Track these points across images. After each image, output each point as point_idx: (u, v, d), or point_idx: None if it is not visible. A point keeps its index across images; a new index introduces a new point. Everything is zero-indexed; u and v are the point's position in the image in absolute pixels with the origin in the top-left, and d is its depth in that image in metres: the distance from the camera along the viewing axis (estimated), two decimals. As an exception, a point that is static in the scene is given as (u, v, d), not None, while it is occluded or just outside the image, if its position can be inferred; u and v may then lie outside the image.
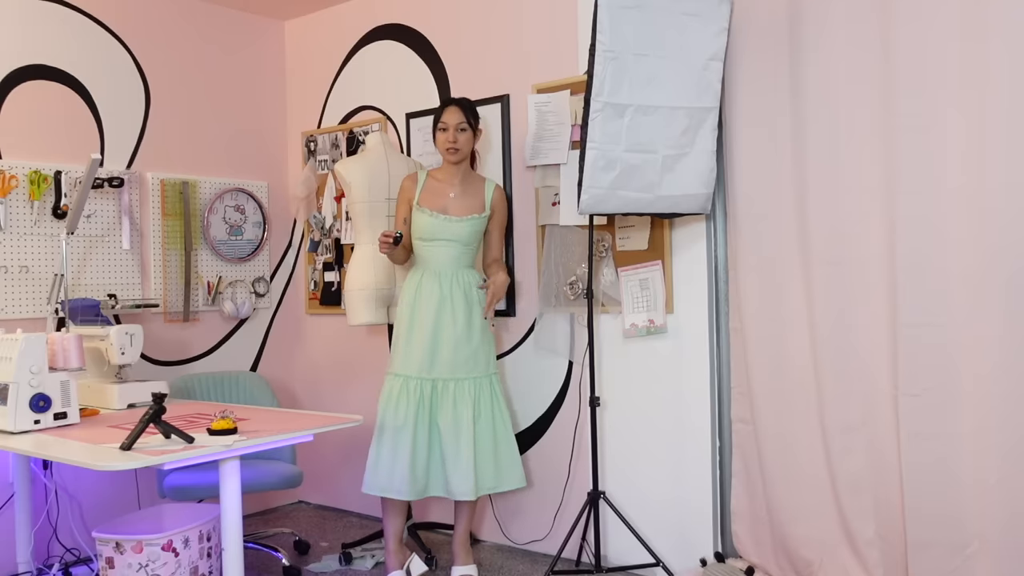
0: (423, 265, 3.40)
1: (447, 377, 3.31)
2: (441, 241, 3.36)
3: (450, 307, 3.32)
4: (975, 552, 2.67)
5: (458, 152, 3.37)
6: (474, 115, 3.41)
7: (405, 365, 3.33)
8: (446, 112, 3.37)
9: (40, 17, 3.77)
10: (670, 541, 3.38)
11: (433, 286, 3.34)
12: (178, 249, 4.19)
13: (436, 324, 3.31)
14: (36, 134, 3.75)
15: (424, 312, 3.32)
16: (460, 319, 3.32)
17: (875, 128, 2.85)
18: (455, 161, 3.40)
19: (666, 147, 3.02)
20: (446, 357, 3.31)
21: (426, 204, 3.39)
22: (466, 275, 3.39)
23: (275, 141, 4.71)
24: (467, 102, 3.41)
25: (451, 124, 3.35)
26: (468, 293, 3.36)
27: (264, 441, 2.61)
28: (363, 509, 4.44)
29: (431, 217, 3.36)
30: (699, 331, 3.32)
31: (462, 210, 3.39)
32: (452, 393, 3.32)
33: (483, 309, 3.36)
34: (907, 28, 2.74)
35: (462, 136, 3.37)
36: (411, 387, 3.31)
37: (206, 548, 3.17)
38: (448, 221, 3.36)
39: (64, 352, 2.95)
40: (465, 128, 3.37)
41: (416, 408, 3.29)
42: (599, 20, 2.88)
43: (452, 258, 3.37)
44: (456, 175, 3.44)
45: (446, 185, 3.42)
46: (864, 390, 2.89)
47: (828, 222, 2.95)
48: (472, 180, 3.48)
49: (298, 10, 4.60)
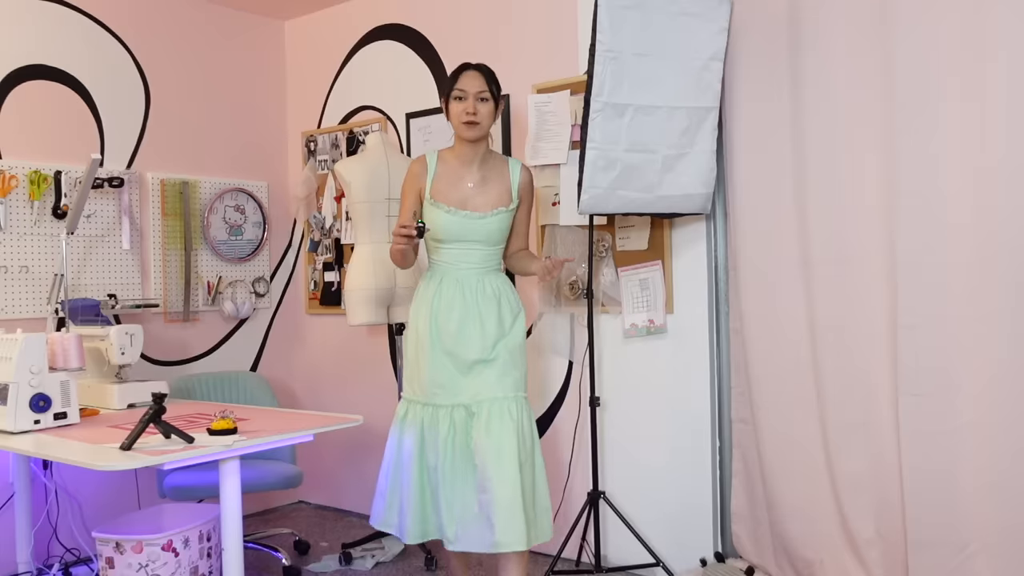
0: (440, 271, 2.83)
1: (480, 400, 2.71)
2: (462, 243, 2.80)
3: (478, 321, 2.75)
4: (975, 551, 2.66)
5: (478, 127, 2.77)
6: (496, 84, 2.84)
7: (418, 388, 2.80)
8: (464, 77, 2.79)
9: (40, 17, 3.77)
10: (670, 541, 3.38)
11: (454, 296, 2.77)
12: (178, 249, 4.18)
13: (460, 341, 2.75)
14: (36, 134, 3.75)
15: (445, 327, 2.76)
16: (491, 332, 2.76)
17: (875, 128, 2.84)
18: (473, 138, 2.80)
19: (666, 147, 3.02)
20: (474, 378, 2.74)
21: (441, 197, 2.80)
22: (494, 281, 2.83)
23: (275, 141, 4.71)
24: (488, 68, 2.86)
25: (470, 91, 2.76)
26: (500, 301, 2.80)
27: (264, 441, 2.61)
28: (363, 509, 4.43)
29: (449, 214, 2.78)
30: (699, 331, 3.32)
31: (485, 204, 2.82)
32: (485, 418, 2.69)
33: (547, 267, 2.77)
34: (907, 28, 2.73)
35: (483, 107, 2.78)
36: (433, 415, 2.76)
37: (206, 548, 3.17)
38: (469, 218, 2.79)
39: (64, 352, 2.95)
40: (487, 98, 2.79)
41: (425, 436, 2.76)
42: (599, 20, 2.88)
43: (476, 262, 2.81)
44: (474, 157, 2.84)
45: (463, 171, 2.84)
46: (864, 390, 2.89)
47: (828, 222, 2.95)
48: (493, 162, 2.89)
49: (298, 10, 4.60)
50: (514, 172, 2.89)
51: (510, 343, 2.77)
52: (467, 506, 2.66)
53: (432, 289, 2.81)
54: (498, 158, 2.93)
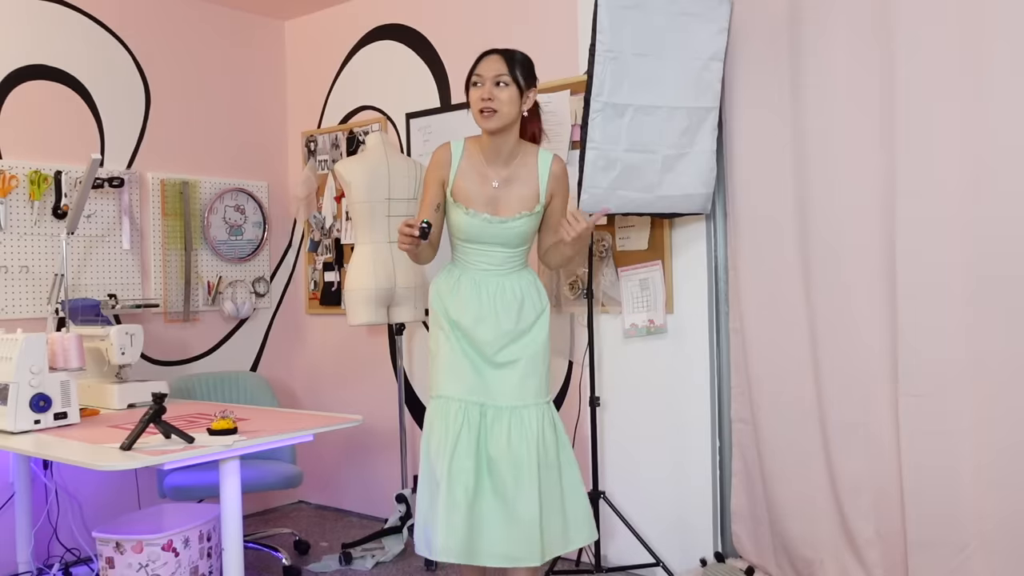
0: (460, 268, 2.69)
1: (500, 405, 2.58)
2: (482, 244, 2.64)
3: (493, 323, 2.60)
4: (975, 551, 2.66)
5: (495, 116, 2.53)
6: (523, 68, 2.58)
7: (448, 384, 2.61)
8: (482, 62, 2.58)
9: (40, 17, 3.77)
10: (670, 541, 3.38)
11: (470, 297, 2.62)
12: (178, 249, 4.19)
13: (474, 340, 2.61)
14: (36, 134, 3.75)
15: (462, 321, 2.62)
16: (507, 332, 2.60)
17: (875, 128, 2.84)
18: (492, 129, 2.56)
19: (666, 147, 3.02)
20: (493, 380, 2.60)
21: (462, 198, 2.62)
22: (517, 283, 2.66)
23: (275, 141, 4.71)
24: (515, 52, 2.61)
25: (487, 76, 2.54)
26: (523, 302, 2.64)
27: (264, 441, 2.61)
28: (363, 509, 4.44)
29: (468, 216, 2.61)
30: (699, 331, 3.32)
31: (509, 207, 2.62)
32: (506, 430, 2.56)
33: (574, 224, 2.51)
34: (907, 28, 2.73)
35: (503, 94, 2.52)
36: (452, 410, 2.59)
37: (206, 548, 3.17)
38: (489, 222, 2.61)
39: (64, 352, 2.95)
40: (507, 83, 2.53)
41: (465, 437, 2.56)
42: (599, 20, 2.88)
43: (497, 264, 2.65)
44: (500, 151, 2.62)
45: (487, 168, 2.63)
46: (864, 390, 2.89)
47: (828, 222, 2.95)
48: (522, 157, 2.66)
49: (298, 10, 4.60)
50: (543, 167, 2.65)
51: (531, 347, 2.62)
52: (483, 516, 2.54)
53: (450, 284, 2.66)
54: (528, 151, 2.68)
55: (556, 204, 2.70)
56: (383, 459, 4.32)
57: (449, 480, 2.51)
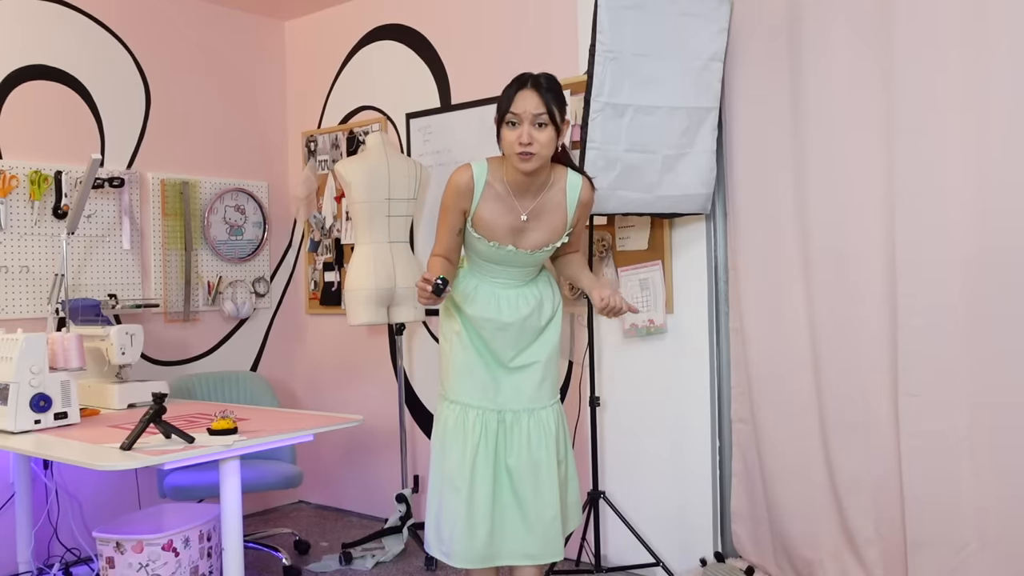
0: (477, 276, 2.59)
1: (517, 408, 2.55)
2: (503, 266, 2.55)
3: (516, 332, 2.55)
4: (974, 551, 2.67)
5: (533, 158, 2.35)
6: (559, 101, 2.37)
7: (464, 389, 2.56)
8: (519, 97, 2.34)
9: (40, 17, 3.78)
10: (670, 541, 3.38)
11: (488, 305, 2.54)
12: (178, 249, 4.19)
13: (492, 346, 2.56)
14: (36, 134, 3.75)
15: (482, 330, 2.56)
16: (527, 337, 2.58)
17: (875, 128, 2.84)
18: (529, 171, 2.38)
19: (666, 147, 3.02)
20: (503, 385, 2.57)
21: (483, 230, 2.46)
22: (533, 290, 2.60)
23: (275, 141, 4.71)
24: (550, 82, 2.38)
25: (525, 115, 2.32)
26: (542, 305, 2.59)
27: (264, 441, 2.61)
28: (363, 509, 4.44)
29: (492, 248, 2.49)
30: (699, 331, 3.33)
31: (536, 240, 2.50)
32: (526, 432, 2.53)
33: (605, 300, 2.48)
34: (907, 28, 2.74)
35: (542, 136, 2.33)
36: (471, 417, 2.54)
37: (206, 548, 3.17)
38: (512, 254, 2.50)
39: (64, 352, 2.96)
40: (545, 123, 2.33)
41: (481, 444, 2.53)
42: (599, 20, 2.88)
43: (516, 279, 2.58)
44: (529, 187, 2.46)
45: (514, 200, 2.46)
46: (864, 390, 2.89)
47: (828, 222, 2.95)
48: (552, 186, 2.49)
49: (298, 10, 4.60)
50: (572, 193, 2.49)
51: (547, 349, 2.60)
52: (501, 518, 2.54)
53: (466, 293, 2.56)
54: (558, 176, 2.50)
55: (578, 224, 2.62)
56: (383, 459, 4.33)
57: (471, 490, 2.50)
